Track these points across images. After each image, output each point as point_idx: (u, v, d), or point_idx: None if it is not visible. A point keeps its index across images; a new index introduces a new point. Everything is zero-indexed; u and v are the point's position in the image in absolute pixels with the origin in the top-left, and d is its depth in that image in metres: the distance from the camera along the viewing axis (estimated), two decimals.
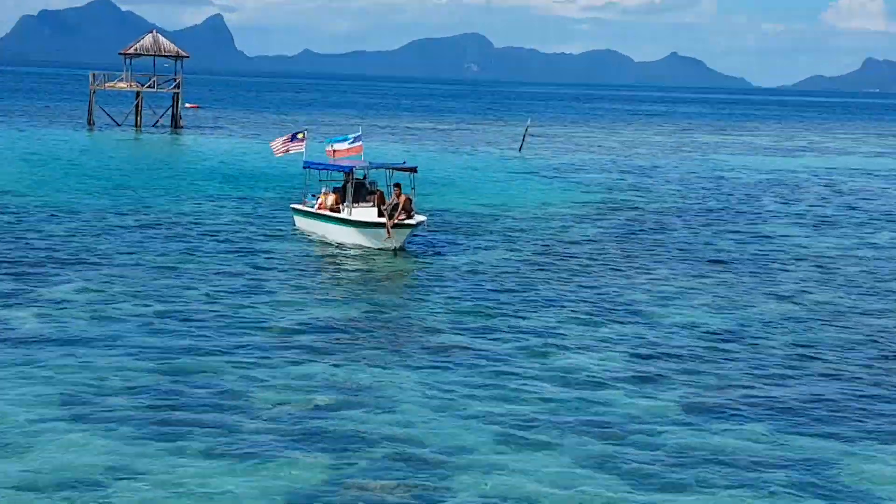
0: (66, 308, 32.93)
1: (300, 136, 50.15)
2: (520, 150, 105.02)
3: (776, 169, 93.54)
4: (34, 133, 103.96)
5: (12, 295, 34.28)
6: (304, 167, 49.19)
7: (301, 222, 48.00)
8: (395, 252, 42.53)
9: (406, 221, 42.48)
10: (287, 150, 50.38)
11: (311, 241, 46.41)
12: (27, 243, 43.61)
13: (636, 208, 62.00)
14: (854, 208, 65.70)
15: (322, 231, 46.24)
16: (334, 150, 47.25)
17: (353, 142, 47.29)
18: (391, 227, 42.24)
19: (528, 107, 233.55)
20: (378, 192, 44.68)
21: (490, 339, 31.02)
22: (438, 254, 44.46)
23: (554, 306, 35.55)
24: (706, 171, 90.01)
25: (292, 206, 50.00)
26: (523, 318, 33.80)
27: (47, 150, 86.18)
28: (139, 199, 58.38)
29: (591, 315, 34.45)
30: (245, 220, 52.76)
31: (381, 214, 43.02)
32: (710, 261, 45.31)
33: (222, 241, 46.16)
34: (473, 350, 29.80)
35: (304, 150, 49.51)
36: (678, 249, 47.86)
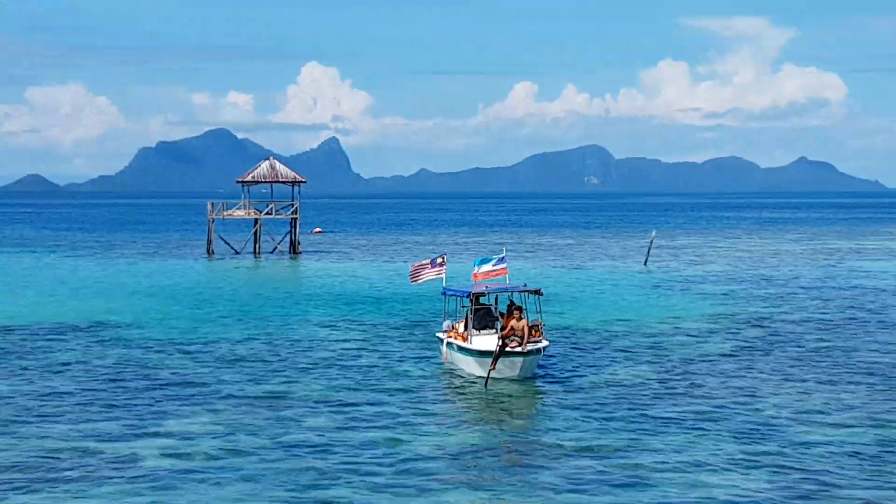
0: (197, 436, 31.66)
1: (439, 260, 47.28)
2: (645, 263, 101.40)
3: None
4: (156, 265, 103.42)
5: (144, 425, 33.09)
6: (444, 293, 46.32)
7: (445, 350, 44.11)
8: (487, 380, 38.47)
9: (515, 351, 39.08)
10: (423, 275, 47.12)
11: (440, 366, 43.85)
12: (149, 376, 42.41)
13: (767, 319, 58.53)
14: None
15: (450, 357, 43.32)
16: (478, 273, 43.91)
17: (496, 263, 43.99)
18: (496, 360, 38.75)
19: (651, 218, 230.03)
20: (513, 313, 40.92)
21: (623, 456, 28.73)
22: (562, 372, 41.95)
23: (692, 420, 33.35)
24: (843, 277, 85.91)
25: (438, 334, 46.26)
26: (659, 432, 31.64)
27: (169, 281, 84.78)
28: (259, 324, 57.14)
29: (733, 432, 31.73)
30: (363, 344, 50.60)
31: (501, 346, 39.82)
32: (851, 373, 41.92)
33: (344, 366, 44.28)
34: (615, 471, 27.39)
35: (444, 275, 46.56)
36: (815, 362, 44.48)
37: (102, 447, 29.95)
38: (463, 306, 43.85)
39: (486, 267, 43.40)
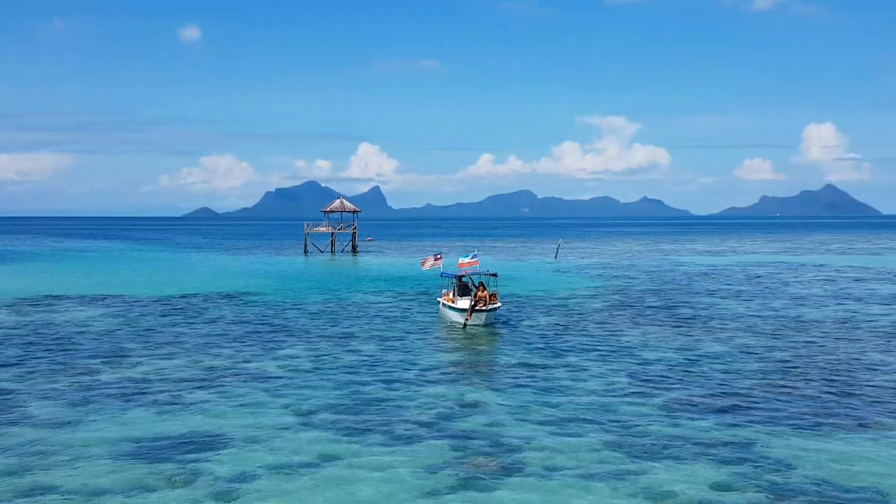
0: (296, 358, 33.13)
1: (438, 256, 48.46)
2: (555, 258, 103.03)
3: (710, 263, 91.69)
4: (274, 259, 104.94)
5: (266, 352, 34.61)
6: (441, 275, 47.32)
7: (441, 308, 45.34)
8: (465, 326, 39.99)
9: (484, 308, 40.63)
10: (431, 266, 48.00)
11: (439, 319, 44.69)
12: (269, 323, 43.99)
13: (624, 289, 60.84)
14: (760, 286, 64.11)
15: (444, 313, 44.46)
16: (461, 263, 44.87)
17: (472, 257, 45.09)
18: (470, 314, 40.35)
19: (559, 232, 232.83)
20: (479, 287, 42.40)
21: (541, 367, 30.71)
22: (509, 322, 43.57)
23: (578, 348, 35.09)
24: (667, 265, 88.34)
25: (438, 299, 47.19)
26: (560, 356, 33.43)
27: (281, 268, 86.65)
28: (334, 293, 58.57)
29: (600, 352, 34.06)
30: (398, 304, 52.38)
31: (473, 305, 41.07)
32: (668, 318, 44.55)
33: (384, 317, 45.91)
34: (536, 375, 29.47)
35: (441, 265, 47.56)
36: (651, 314, 46.88)
37: (245, 365, 31.72)
38: (451, 282, 45.58)
39: (466, 260, 44.74)
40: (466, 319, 40.62)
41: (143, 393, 27.02)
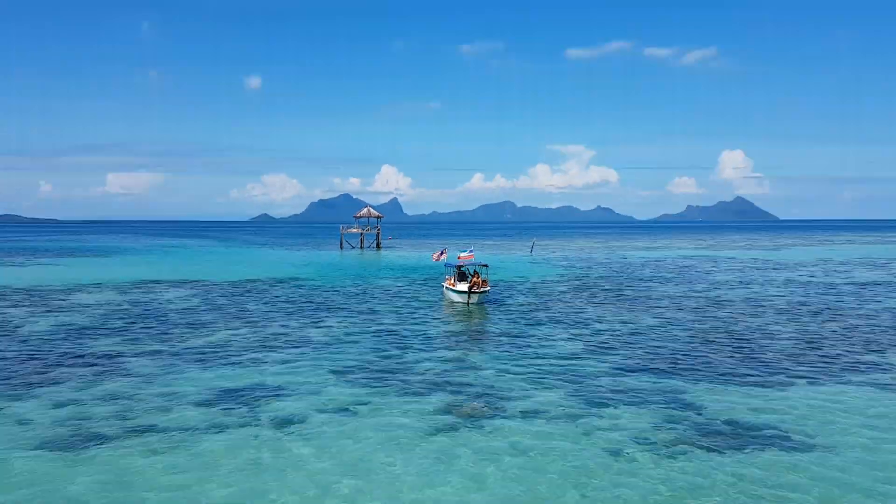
0: (333, 328, 32.76)
1: (444, 251, 47.89)
2: (531, 252, 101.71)
3: (648, 257, 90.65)
4: (315, 253, 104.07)
5: (310, 323, 34.19)
6: (445, 266, 46.56)
7: (445, 291, 44.39)
8: (468, 305, 39.46)
9: (477, 291, 39.97)
10: (438, 259, 47.50)
11: (443, 298, 43.94)
12: (313, 301, 43.45)
13: (583, 276, 60.08)
14: (686, 274, 63.40)
15: (447, 294, 43.56)
16: (460, 256, 44.17)
17: (469, 252, 44.49)
18: (470, 295, 39.78)
19: (534, 232, 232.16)
20: (474, 275, 42.00)
21: (520, 336, 30.35)
22: (496, 301, 42.63)
23: (548, 321, 34.67)
24: (615, 258, 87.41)
25: (442, 283, 46.55)
26: (534, 327, 33.04)
27: (321, 260, 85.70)
28: (362, 279, 57.77)
29: (565, 324, 33.66)
30: (411, 287, 51.78)
31: (469, 288, 40.43)
32: (617, 298, 44.01)
33: (401, 297, 45.20)
34: (517, 341, 29.13)
35: (446, 257, 47.05)
36: (603, 295, 46.31)
37: (295, 333, 31.30)
38: (452, 271, 44.86)
39: (464, 254, 44.10)
40: (469, 302, 39.90)
41: (218, 355, 26.82)
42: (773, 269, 69.61)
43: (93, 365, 24.99)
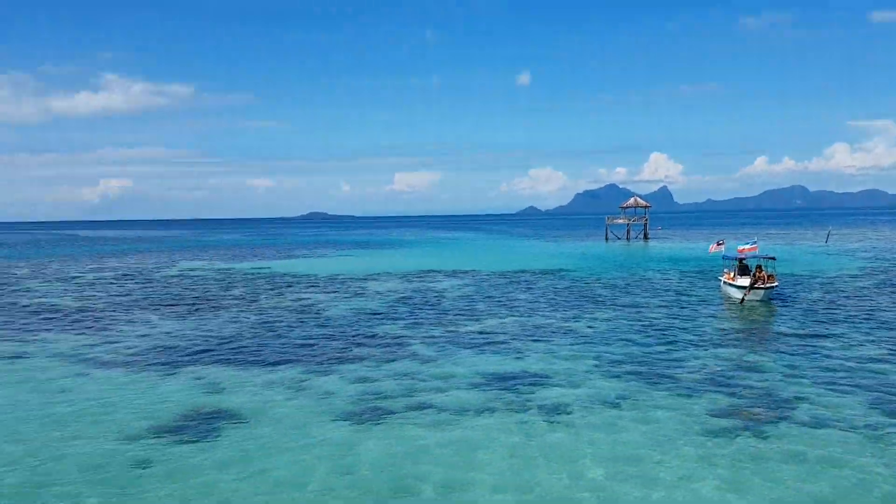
0: (597, 320, 31.86)
1: (721, 242, 45.05)
2: (826, 242, 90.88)
3: None
4: (580, 244, 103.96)
5: (574, 315, 33.32)
6: (723, 258, 43.64)
7: (722, 286, 41.62)
8: (741, 303, 36.09)
9: (760, 287, 36.65)
10: (715, 250, 44.46)
11: (719, 294, 41.13)
12: (578, 292, 42.80)
13: (891, 270, 51.06)
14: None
15: (725, 290, 40.61)
16: (740, 249, 41.17)
17: (752, 244, 41.39)
18: (749, 291, 36.53)
19: (830, 221, 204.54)
20: (758, 269, 38.22)
21: (812, 336, 27.44)
22: (782, 298, 39.00)
23: (847, 321, 30.48)
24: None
25: (719, 277, 43.57)
26: (829, 327, 29.26)
27: (587, 251, 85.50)
28: (628, 270, 56.72)
29: (867, 324, 29.10)
30: (682, 281, 49.39)
31: (752, 284, 37.25)
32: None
33: (670, 290, 43.71)
34: (807, 341, 26.44)
35: (724, 249, 44.16)
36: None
37: (560, 324, 30.94)
38: (732, 264, 41.67)
39: (746, 246, 40.90)
40: (745, 295, 37.09)
41: (488, 341, 27.57)
42: None
43: (384, 346, 27.42)
